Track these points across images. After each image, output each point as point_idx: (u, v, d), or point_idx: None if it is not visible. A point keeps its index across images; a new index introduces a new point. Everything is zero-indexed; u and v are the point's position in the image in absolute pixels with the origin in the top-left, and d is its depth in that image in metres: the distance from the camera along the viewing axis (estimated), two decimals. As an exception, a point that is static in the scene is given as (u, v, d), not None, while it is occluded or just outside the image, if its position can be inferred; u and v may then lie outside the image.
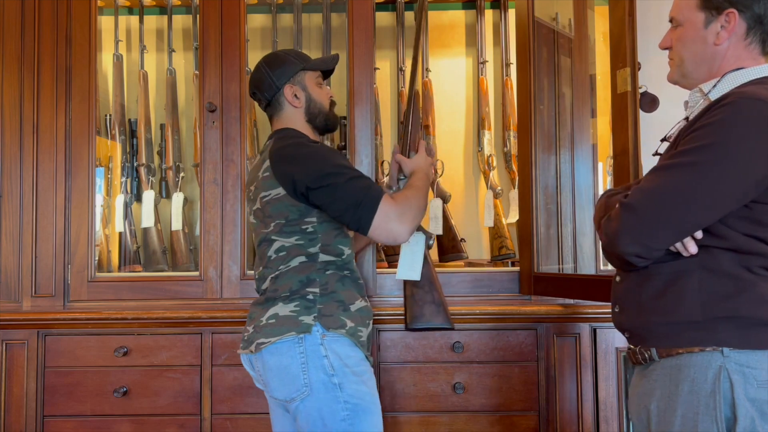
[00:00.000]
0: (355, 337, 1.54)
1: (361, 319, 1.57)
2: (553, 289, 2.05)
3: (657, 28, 2.66)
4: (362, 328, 1.57)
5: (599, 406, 2.02)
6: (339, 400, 1.49)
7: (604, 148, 2.32)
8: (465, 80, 2.76)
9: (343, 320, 1.53)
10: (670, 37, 1.36)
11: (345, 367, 1.51)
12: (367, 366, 1.57)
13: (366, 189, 1.48)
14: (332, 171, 1.48)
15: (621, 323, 1.29)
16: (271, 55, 1.71)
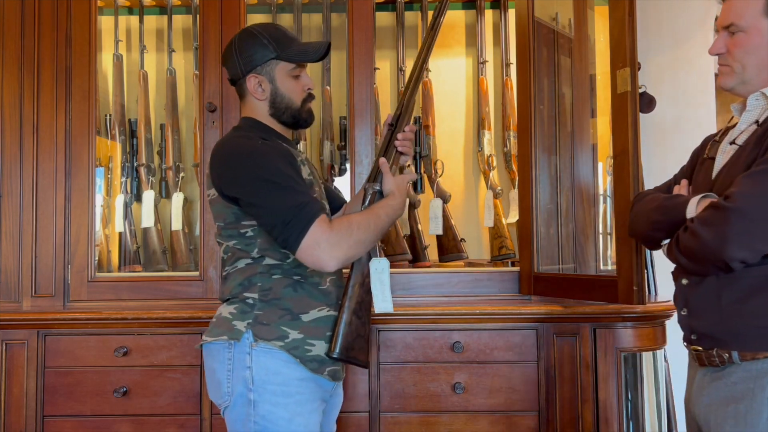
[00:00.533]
0: (297, 351, 1.40)
1: (315, 331, 1.42)
2: (553, 289, 2.05)
3: (657, 28, 2.67)
4: (314, 341, 1.42)
5: (599, 406, 2.02)
6: (250, 419, 1.39)
7: (604, 148, 2.32)
8: (465, 80, 2.76)
9: (284, 331, 1.40)
10: (726, 43, 1.32)
11: (267, 383, 1.38)
12: (308, 388, 1.42)
13: (298, 207, 1.33)
14: (265, 179, 1.35)
15: (692, 326, 1.30)
16: (247, 31, 1.51)
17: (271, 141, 1.46)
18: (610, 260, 2.38)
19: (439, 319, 2.05)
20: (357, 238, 1.38)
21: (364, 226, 1.40)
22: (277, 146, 1.45)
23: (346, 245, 1.36)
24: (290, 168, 1.40)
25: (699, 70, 2.66)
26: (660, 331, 2.07)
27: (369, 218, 1.42)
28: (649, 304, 2.02)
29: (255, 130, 1.49)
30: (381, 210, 1.45)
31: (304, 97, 1.52)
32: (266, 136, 1.48)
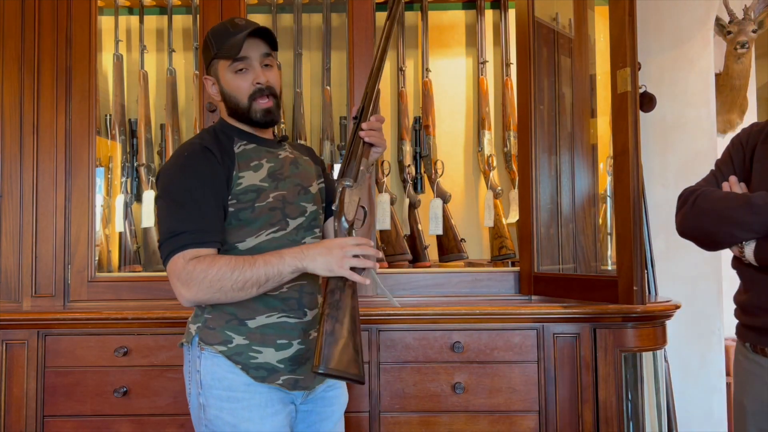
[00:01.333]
0: (240, 357, 1.37)
1: (261, 338, 1.39)
2: (553, 289, 2.05)
3: (657, 28, 2.66)
4: (261, 348, 1.38)
5: (599, 406, 2.02)
6: (201, 422, 1.41)
7: (604, 148, 2.32)
8: (465, 80, 2.76)
9: (228, 336, 1.38)
10: None
11: (213, 388, 1.38)
12: (258, 393, 1.38)
13: (170, 233, 1.32)
14: (167, 192, 1.35)
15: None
16: (211, 29, 1.49)
17: (210, 147, 1.39)
18: (610, 260, 2.38)
19: (439, 319, 2.05)
20: (211, 285, 1.30)
21: (227, 274, 1.29)
22: (205, 158, 1.38)
23: (196, 288, 1.30)
24: (200, 188, 1.34)
25: (699, 69, 2.66)
26: (660, 331, 2.07)
27: (237, 267, 1.30)
28: (649, 304, 2.02)
29: (212, 133, 1.46)
30: (262, 263, 1.31)
31: (252, 91, 1.42)
32: (223, 138, 1.44)
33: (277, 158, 1.48)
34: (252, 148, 1.45)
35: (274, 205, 1.42)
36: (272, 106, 1.44)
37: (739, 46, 2.71)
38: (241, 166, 1.41)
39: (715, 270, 2.62)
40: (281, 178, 1.45)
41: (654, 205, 2.61)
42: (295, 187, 1.47)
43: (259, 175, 1.42)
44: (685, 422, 2.56)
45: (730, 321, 2.91)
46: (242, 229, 1.40)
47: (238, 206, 1.39)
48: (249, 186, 1.40)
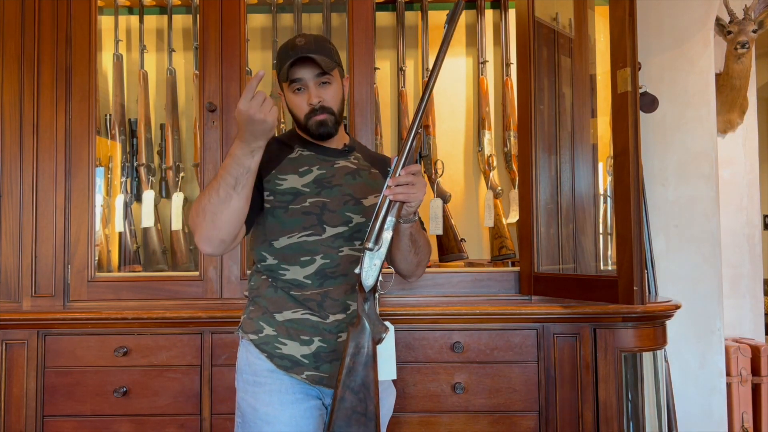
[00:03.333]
0: (267, 347, 1.47)
1: (287, 331, 1.47)
2: (554, 289, 2.05)
3: (657, 28, 2.66)
4: (287, 341, 1.47)
5: (599, 406, 2.02)
6: (238, 404, 1.51)
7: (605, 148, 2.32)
8: (465, 80, 2.76)
9: (260, 326, 1.50)
10: None
11: (243, 373, 1.50)
12: (279, 380, 1.46)
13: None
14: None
15: None
16: (282, 45, 1.55)
17: (273, 143, 1.52)
18: (610, 260, 2.38)
19: (439, 319, 2.05)
20: (198, 213, 1.36)
21: (203, 198, 1.36)
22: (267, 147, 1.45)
23: (194, 227, 1.37)
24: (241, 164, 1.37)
25: (699, 69, 2.66)
26: (660, 331, 2.07)
27: (207, 187, 1.38)
28: (649, 304, 2.02)
29: (284, 135, 1.60)
30: (221, 168, 1.36)
31: (307, 111, 1.50)
32: (287, 141, 1.57)
33: (331, 167, 1.53)
34: (308, 156, 1.54)
35: (310, 209, 1.48)
36: (326, 119, 1.51)
37: (739, 46, 2.71)
38: (288, 168, 1.51)
39: (715, 270, 2.62)
40: (328, 186, 1.51)
41: (654, 205, 2.61)
42: (344, 196, 1.51)
43: (304, 180, 1.50)
44: (685, 422, 2.56)
45: (729, 321, 2.92)
46: (277, 228, 1.48)
47: (275, 204, 1.48)
48: (289, 188, 1.48)
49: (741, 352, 2.74)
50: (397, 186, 1.31)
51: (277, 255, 1.49)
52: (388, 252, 1.38)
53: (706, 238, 2.61)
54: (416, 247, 1.48)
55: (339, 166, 1.54)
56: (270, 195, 1.49)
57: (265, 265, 1.51)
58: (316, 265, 1.47)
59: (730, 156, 2.96)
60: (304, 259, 1.47)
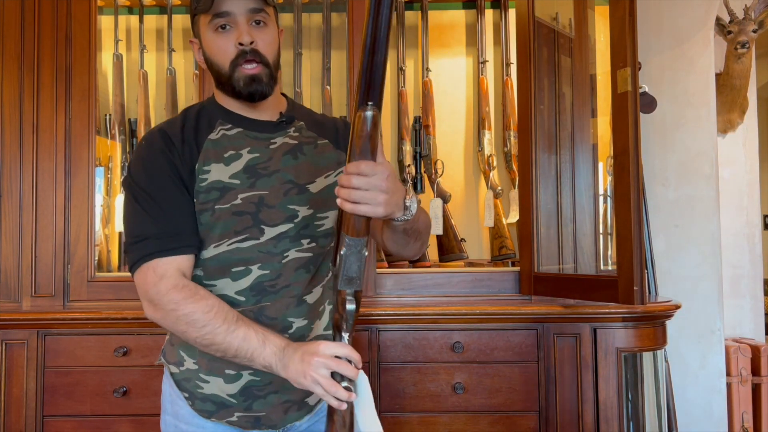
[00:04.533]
0: (188, 384, 1.22)
1: (208, 365, 1.19)
2: (554, 289, 2.05)
3: (657, 28, 2.66)
4: (209, 377, 1.19)
5: (599, 406, 2.02)
6: None
7: (605, 148, 2.32)
8: (465, 80, 2.75)
9: (181, 357, 1.23)
10: None
11: (168, 414, 1.26)
12: (196, 427, 1.21)
13: (134, 237, 1.13)
14: (127, 188, 1.16)
15: None
16: None
17: (171, 133, 1.18)
18: (610, 260, 2.38)
19: (439, 319, 2.05)
20: (177, 323, 1.11)
21: (196, 326, 1.09)
22: (165, 146, 1.15)
23: (162, 315, 1.12)
24: (161, 183, 1.13)
25: (699, 69, 2.66)
26: (660, 331, 2.07)
27: (210, 324, 1.09)
28: (649, 304, 2.02)
29: (194, 112, 1.23)
30: (241, 337, 1.08)
31: (234, 56, 1.14)
32: (202, 119, 1.21)
33: (266, 148, 1.20)
34: (235, 134, 1.19)
35: (241, 208, 1.15)
36: (259, 73, 1.15)
37: (739, 45, 2.71)
38: (210, 156, 1.16)
39: (715, 270, 2.62)
40: (264, 173, 1.18)
41: (654, 205, 2.61)
42: (284, 184, 1.19)
43: (231, 169, 1.17)
44: (685, 422, 2.56)
45: (730, 321, 2.91)
46: (205, 235, 1.16)
47: (199, 207, 1.15)
48: (213, 183, 1.15)
49: (741, 352, 2.74)
50: (341, 188, 0.96)
51: (203, 267, 1.18)
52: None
53: (707, 238, 2.61)
54: (414, 237, 1.17)
55: (276, 146, 1.21)
56: (195, 196, 1.16)
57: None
58: (252, 277, 1.16)
59: (730, 156, 2.95)
60: (236, 270, 1.16)
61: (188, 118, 1.21)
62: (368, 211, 0.95)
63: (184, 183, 1.15)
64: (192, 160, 1.16)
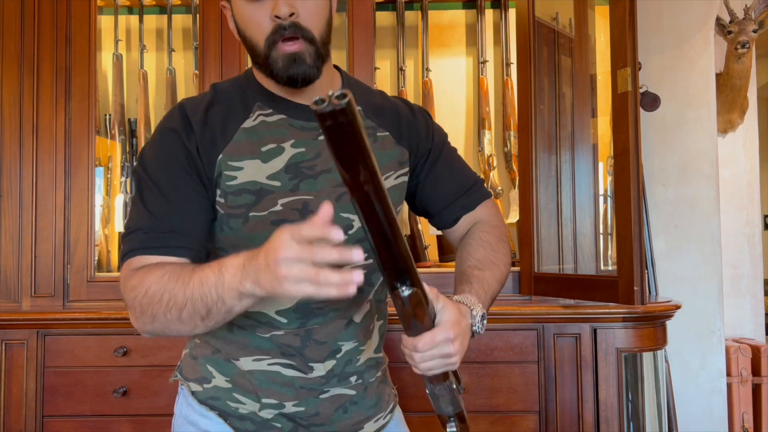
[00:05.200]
0: (217, 402, 1.05)
1: (248, 385, 1.03)
2: (554, 290, 2.05)
3: (657, 28, 2.66)
4: (246, 399, 1.04)
5: (600, 406, 2.02)
6: None
7: (605, 147, 2.31)
8: (465, 80, 2.75)
9: (209, 373, 1.06)
10: None
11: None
12: None
13: (125, 229, 0.97)
14: (135, 173, 0.99)
15: None
16: None
17: (194, 116, 0.98)
18: (610, 260, 2.38)
19: (440, 320, 2.04)
20: (144, 311, 0.89)
21: (157, 296, 0.87)
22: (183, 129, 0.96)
23: (135, 315, 0.91)
24: (171, 172, 0.95)
25: (700, 69, 2.66)
26: (661, 331, 2.07)
27: (168, 286, 0.87)
28: (649, 304, 2.02)
29: (235, 88, 1.03)
30: (197, 283, 0.84)
31: (270, 32, 0.92)
32: (239, 94, 1.01)
33: (314, 140, 0.98)
34: (276, 122, 0.98)
35: (284, 215, 0.96)
36: (302, 51, 0.92)
37: (739, 45, 2.71)
38: (243, 149, 0.96)
39: (715, 270, 2.62)
40: (310, 173, 0.98)
41: (654, 205, 2.60)
42: (336, 188, 0.98)
43: (271, 167, 0.96)
44: (686, 422, 2.56)
45: (730, 321, 2.91)
46: (236, 244, 0.97)
47: (228, 210, 0.97)
48: (246, 184, 0.95)
49: (741, 353, 2.74)
50: (423, 363, 0.91)
51: None
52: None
53: (707, 238, 2.61)
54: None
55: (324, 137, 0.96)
56: (220, 196, 0.97)
57: None
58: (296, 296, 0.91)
59: (730, 156, 2.95)
60: None
61: (218, 96, 1.00)
62: (442, 370, 0.92)
63: (199, 175, 0.96)
64: (215, 149, 0.96)
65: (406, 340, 0.87)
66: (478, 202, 1.20)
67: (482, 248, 1.10)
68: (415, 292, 0.78)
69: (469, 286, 1.02)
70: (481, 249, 1.10)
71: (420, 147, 1.12)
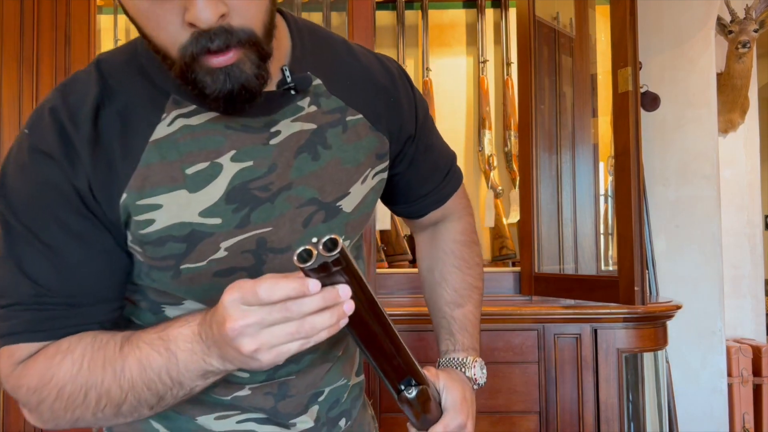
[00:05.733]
0: None
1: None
2: (554, 290, 2.05)
3: (658, 28, 2.66)
4: None
5: (600, 407, 2.01)
6: None
7: (606, 147, 2.31)
8: (465, 80, 2.75)
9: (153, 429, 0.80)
10: None
11: None
12: None
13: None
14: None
15: None
16: None
17: (72, 124, 0.64)
18: (611, 260, 2.37)
19: (440, 320, 2.04)
20: (56, 415, 0.65)
21: (77, 395, 0.64)
22: (43, 152, 0.64)
23: (37, 416, 0.66)
24: (37, 215, 0.64)
25: (700, 69, 2.65)
26: (661, 331, 2.06)
27: (93, 378, 0.63)
28: (650, 304, 2.01)
29: (116, 79, 0.68)
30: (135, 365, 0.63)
31: (188, 39, 0.59)
32: (137, 99, 0.66)
33: (263, 145, 0.68)
34: (202, 124, 0.66)
35: (230, 262, 0.69)
36: (239, 61, 0.60)
37: (740, 45, 2.70)
38: (156, 175, 0.65)
39: (716, 270, 2.61)
40: (264, 195, 0.69)
41: (655, 205, 2.60)
42: (302, 209, 0.72)
43: (204, 197, 0.66)
44: (686, 423, 2.55)
45: (731, 321, 2.91)
46: (171, 301, 0.73)
47: (151, 262, 0.68)
48: (169, 228, 0.66)
49: (742, 353, 2.73)
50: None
51: None
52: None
53: (707, 238, 2.61)
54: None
55: (281, 139, 0.69)
56: (133, 242, 0.67)
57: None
58: None
59: (731, 156, 2.95)
60: None
61: (110, 86, 0.66)
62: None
63: (96, 216, 0.65)
64: (114, 183, 0.64)
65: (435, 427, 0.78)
66: (451, 193, 0.99)
67: (456, 270, 0.95)
68: (422, 390, 0.72)
69: (452, 339, 0.91)
70: (455, 272, 0.94)
71: (402, 130, 0.82)
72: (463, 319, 0.92)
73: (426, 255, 0.99)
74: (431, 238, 0.98)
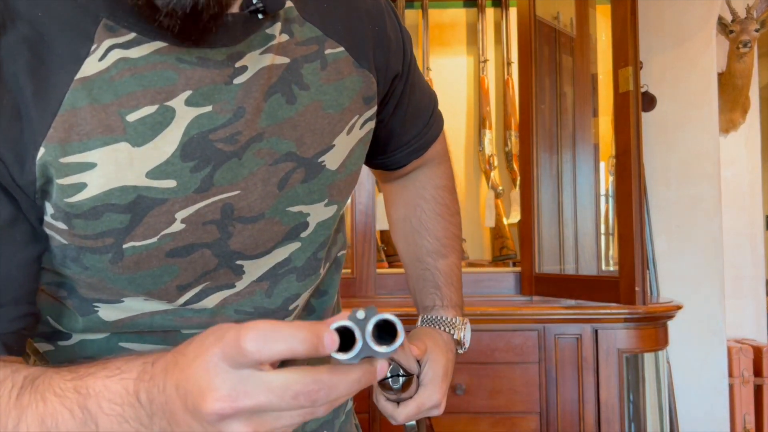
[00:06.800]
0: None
1: None
2: (555, 290, 2.04)
3: (659, 27, 2.65)
4: None
5: (601, 407, 2.01)
6: None
7: (606, 147, 2.31)
8: (466, 79, 2.75)
9: None
10: None
11: None
12: None
13: None
14: None
15: None
16: None
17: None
18: (611, 260, 2.37)
19: (440, 320, 2.03)
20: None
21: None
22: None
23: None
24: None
25: (701, 68, 2.65)
26: (662, 331, 2.06)
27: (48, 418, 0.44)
28: (651, 304, 2.01)
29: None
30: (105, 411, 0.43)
31: None
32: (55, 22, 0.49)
33: (225, 84, 0.54)
34: (147, 56, 0.51)
35: (190, 238, 0.55)
36: None
37: (741, 45, 2.70)
38: (88, 125, 0.49)
39: (717, 270, 2.61)
40: (230, 149, 0.55)
41: (656, 205, 2.59)
42: (276, 166, 0.58)
43: (153, 151, 0.52)
44: (687, 423, 2.55)
45: (731, 322, 2.90)
46: (94, 287, 0.56)
47: (80, 242, 0.52)
48: (107, 194, 0.51)
49: (743, 353, 2.73)
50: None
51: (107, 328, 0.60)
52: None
53: (708, 238, 2.60)
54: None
55: (247, 77, 0.54)
56: (54, 218, 0.51)
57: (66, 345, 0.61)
58: None
59: (732, 156, 2.94)
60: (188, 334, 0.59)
61: (10, 12, 0.48)
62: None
63: (2, 184, 0.49)
64: (27, 132, 0.48)
65: (390, 409, 0.71)
66: (434, 139, 0.82)
67: (439, 217, 0.85)
68: (409, 379, 0.68)
69: (439, 293, 0.82)
70: (438, 219, 0.84)
71: (389, 67, 0.68)
72: (448, 272, 0.82)
73: (400, 202, 0.87)
74: (405, 186, 0.86)
